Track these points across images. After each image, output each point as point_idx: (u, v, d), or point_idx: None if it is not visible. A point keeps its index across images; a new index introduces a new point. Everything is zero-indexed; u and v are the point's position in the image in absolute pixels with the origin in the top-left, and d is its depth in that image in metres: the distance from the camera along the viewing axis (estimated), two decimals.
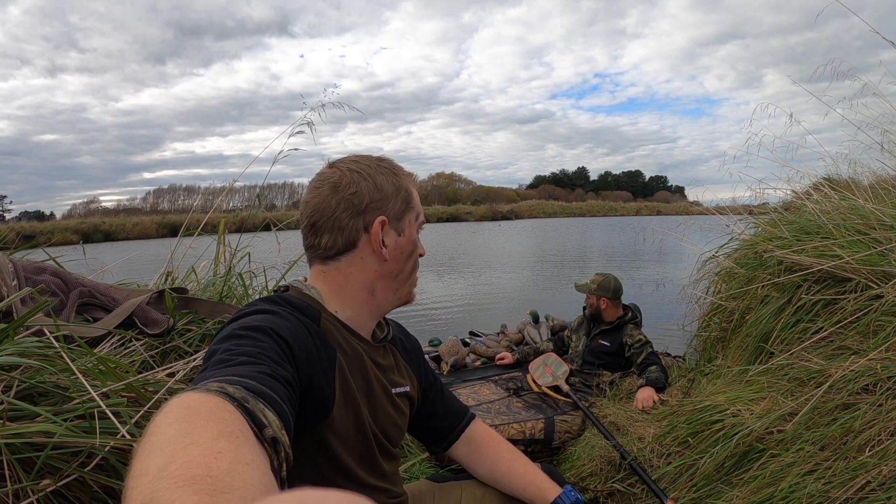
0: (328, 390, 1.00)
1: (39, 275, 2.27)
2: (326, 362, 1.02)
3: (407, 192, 1.16)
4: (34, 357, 1.34)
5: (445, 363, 4.40)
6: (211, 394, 0.61)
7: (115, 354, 1.84)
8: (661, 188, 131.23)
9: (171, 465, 0.45)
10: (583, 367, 3.83)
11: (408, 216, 1.16)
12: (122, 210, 72.94)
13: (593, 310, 3.89)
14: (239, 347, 0.83)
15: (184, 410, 0.56)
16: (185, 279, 2.90)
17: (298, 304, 1.08)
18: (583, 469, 2.81)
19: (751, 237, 3.72)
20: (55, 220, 57.28)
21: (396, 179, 1.15)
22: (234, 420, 0.58)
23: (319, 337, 1.04)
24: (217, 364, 0.79)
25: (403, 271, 1.17)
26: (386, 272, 1.15)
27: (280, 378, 0.80)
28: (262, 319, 0.94)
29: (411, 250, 1.18)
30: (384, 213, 1.12)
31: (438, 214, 64.89)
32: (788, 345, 2.60)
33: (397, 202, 1.14)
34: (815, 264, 2.58)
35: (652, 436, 2.65)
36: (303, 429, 0.96)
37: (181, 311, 2.30)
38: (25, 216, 52.72)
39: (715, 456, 2.23)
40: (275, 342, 0.89)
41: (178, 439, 0.50)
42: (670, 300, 4.66)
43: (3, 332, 1.41)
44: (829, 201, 3.13)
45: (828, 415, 2.04)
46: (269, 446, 0.61)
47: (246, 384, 0.70)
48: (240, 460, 0.49)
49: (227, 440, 0.52)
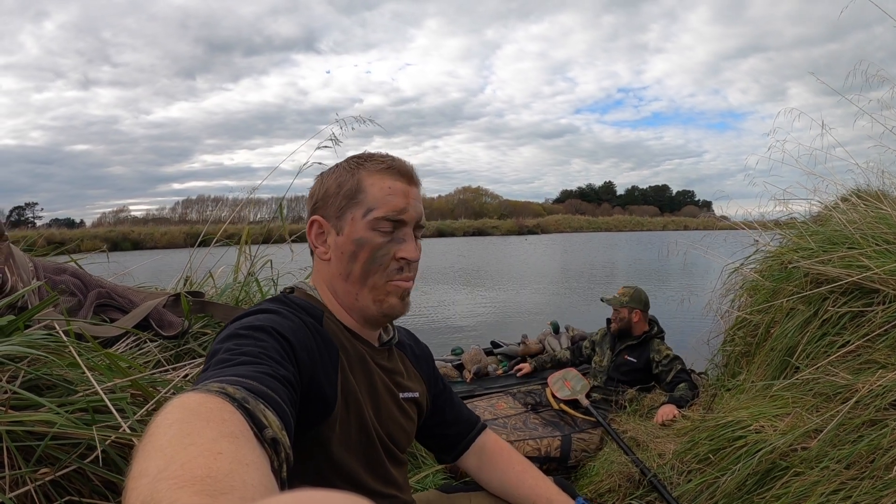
0: (330, 390, 0.99)
1: (59, 275, 2.31)
2: (329, 362, 1.01)
3: (355, 186, 1.08)
4: (42, 349, 1.35)
5: (468, 371, 4.42)
6: (211, 394, 0.61)
7: (130, 355, 1.85)
8: (687, 202, 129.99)
9: (171, 465, 0.46)
10: (607, 383, 3.73)
11: (350, 213, 1.08)
12: (150, 219, 74.10)
13: (623, 324, 3.77)
14: (240, 347, 0.83)
15: (184, 411, 0.56)
16: (202, 284, 2.93)
17: (302, 304, 1.07)
18: (601, 485, 2.76)
19: (776, 248, 3.65)
20: (85, 227, 58.34)
21: (346, 175, 1.10)
22: (234, 421, 0.58)
23: (322, 336, 1.03)
24: (218, 364, 0.78)
25: (352, 273, 1.08)
26: (335, 274, 1.11)
27: (281, 378, 0.79)
28: (265, 319, 0.93)
29: (353, 250, 1.07)
30: (322, 212, 1.11)
31: (465, 228, 65.12)
32: (814, 359, 2.53)
33: (338, 199, 1.09)
34: (841, 275, 2.52)
35: (672, 452, 2.59)
36: (305, 429, 0.95)
37: (197, 314, 2.32)
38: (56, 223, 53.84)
39: (737, 474, 2.17)
40: (276, 342, 0.88)
41: (177, 440, 0.50)
42: (694, 315, 4.59)
43: (13, 323, 1.42)
44: (856, 211, 3.06)
45: (854, 431, 1.98)
46: (269, 447, 0.60)
47: (246, 384, 0.70)
48: (240, 461, 0.49)
49: (228, 441, 0.51)
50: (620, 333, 3.81)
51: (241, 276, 2.97)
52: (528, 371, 4.31)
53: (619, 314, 3.79)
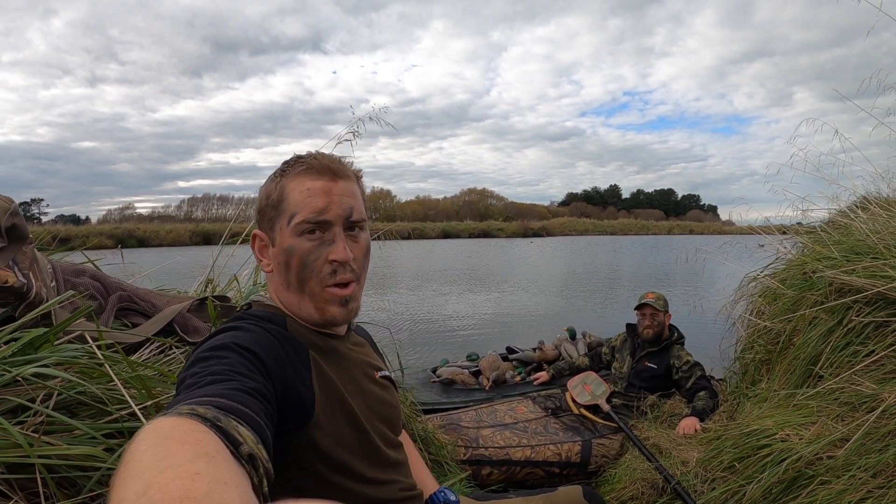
0: (305, 392, 0.98)
1: (78, 277, 2.26)
2: (300, 363, 1.01)
3: (279, 195, 1.07)
4: (76, 366, 1.33)
5: (486, 378, 4.37)
6: (182, 417, 0.61)
7: (155, 362, 1.83)
8: (693, 207, 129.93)
9: (149, 490, 0.45)
10: (627, 389, 3.72)
11: (279, 223, 1.06)
12: (156, 217, 74.14)
13: (659, 328, 3.75)
14: (205, 369, 0.82)
15: (157, 436, 0.56)
16: (226, 287, 2.92)
17: (262, 314, 1.07)
18: (623, 492, 2.76)
19: (798, 257, 3.64)
20: (90, 224, 58.45)
21: (272, 185, 1.09)
22: (208, 441, 0.58)
23: (288, 339, 1.02)
24: (186, 388, 0.78)
25: (290, 282, 1.07)
26: (278, 284, 1.10)
27: (251, 391, 0.79)
28: (224, 337, 0.93)
29: (285, 259, 1.06)
30: (260, 225, 1.11)
31: (470, 230, 65.05)
32: (838, 368, 2.53)
33: (268, 211, 1.08)
34: (868, 286, 2.51)
35: (696, 460, 2.59)
36: (291, 436, 0.95)
37: (222, 319, 2.26)
38: (61, 219, 53.92)
39: (763, 482, 2.17)
40: (240, 356, 0.88)
41: (153, 464, 0.49)
42: (707, 321, 4.57)
43: (43, 336, 1.38)
44: (877, 221, 3.05)
45: (880, 441, 1.98)
46: (246, 463, 0.60)
47: (216, 402, 0.70)
48: (217, 480, 0.49)
49: (204, 461, 0.52)
50: (657, 338, 3.77)
51: (262, 279, 2.96)
52: (546, 380, 4.28)
53: (657, 318, 3.76)
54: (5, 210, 1.64)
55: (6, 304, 1.67)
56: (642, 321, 3.80)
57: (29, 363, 1.24)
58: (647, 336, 3.76)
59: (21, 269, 1.67)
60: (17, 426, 1.09)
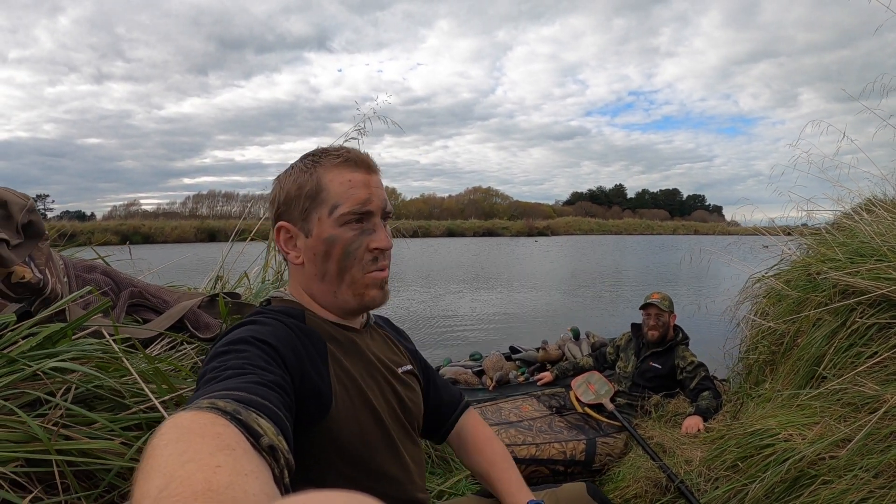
0: (323, 385, 0.99)
1: (90, 273, 2.28)
2: (317, 356, 1.02)
3: (315, 186, 1.07)
4: (92, 361, 1.35)
5: (490, 378, 4.36)
6: (203, 410, 0.62)
7: (167, 357, 1.85)
8: (698, 207, 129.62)
9: (172, 484, 0.46)
10: (631, 389, 3.72)
11: (316, 213, 1.07)
12: (161, 213, 74.43)
13: (664, 329, 3.74)
14: (224, 364, 0.83)
15: (178, 430, 0.56)
16: (236, 284, 2.93)
17: (280, 308, 1.09)
18: (627, 490, 2.76)
19: (802, 258, 3.64)
20: (96, 220, 58.49)
21: (304, 175, 1.08)
22: (229, 433, 0.58)
23: (306, 332, 1.04)
24: (206, 383, 0.79)
25: (328, 272, 1.08)
26: (310, 276, 1.10)
27: (270, 384, 0.80)
28: (242, 332, 0.94)
29: (325, 249, 1.07)
30: (287, 218, 1.10)
31: (475, 228, 65.04)
32: (842, 369, 2.54)
33: (301, 202, 1.07)
34: (871, 288, 2.52)
35: (699, 459, 2.60)
36: (309, 429, 0.96)
37: (233, 316, 2.29)
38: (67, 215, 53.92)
39: (765, 481, 2.18)
40: (258, 349, 0.89)
41: (175, 458, 0.50)
42: (710, 322, 4.58)
43: (61, 331, 1.40)
44: (881, 223, 3.06)
45: (882, 441, 1.99)
46: (267, 455, 0.61)
47: (236, 396, 0.70)
48: (238, 472, 0.49)
49: (224, 454, 0.52)
50: (663, 339, 3.76)
51: (270, 276, 2.98)
52: (550, 380, 4.25)
53: (662, 318, 3.75)
54: (22, 206, 1.66)
55: (23, 299, 1.69)
56: (647, 321, 3.80)
57: (48, 357, 1.26)
58: (651, 339, 3.75)
59: (37, 266, 1.69)
60: (37, 419, 1.11)
